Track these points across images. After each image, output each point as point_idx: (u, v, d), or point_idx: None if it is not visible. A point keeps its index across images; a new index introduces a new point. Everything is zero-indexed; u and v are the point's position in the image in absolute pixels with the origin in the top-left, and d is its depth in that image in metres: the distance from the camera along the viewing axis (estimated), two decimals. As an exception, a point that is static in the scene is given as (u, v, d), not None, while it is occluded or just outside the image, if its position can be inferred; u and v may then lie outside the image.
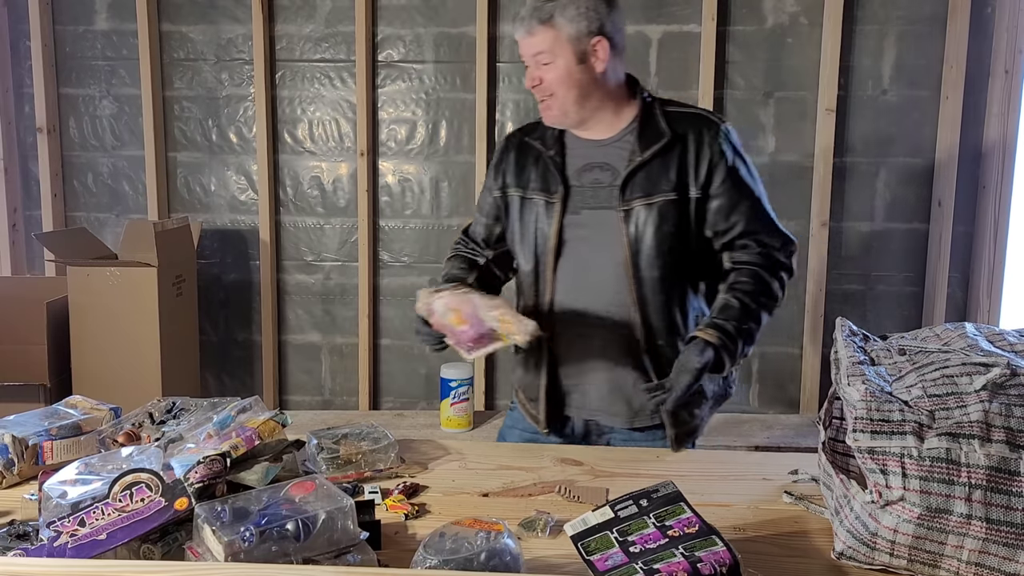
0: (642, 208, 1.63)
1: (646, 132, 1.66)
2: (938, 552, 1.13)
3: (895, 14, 3.04)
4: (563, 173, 1.70)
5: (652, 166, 1.64)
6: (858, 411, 1.18)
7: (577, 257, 1.69)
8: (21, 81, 3.28)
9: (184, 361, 3.09)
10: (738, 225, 1.66)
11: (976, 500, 1.10)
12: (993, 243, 3.02)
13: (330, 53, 3.20)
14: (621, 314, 1.67)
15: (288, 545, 1.05)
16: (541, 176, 1.72)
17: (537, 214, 1.71)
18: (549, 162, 1.71)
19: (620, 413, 1.72)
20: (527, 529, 1.28)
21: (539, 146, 1.74)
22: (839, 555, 1.20)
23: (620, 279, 1.65)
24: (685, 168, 1.64)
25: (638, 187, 1.64)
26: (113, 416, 1.60)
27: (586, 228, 1.68)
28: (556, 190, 1.69)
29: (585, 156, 1.70)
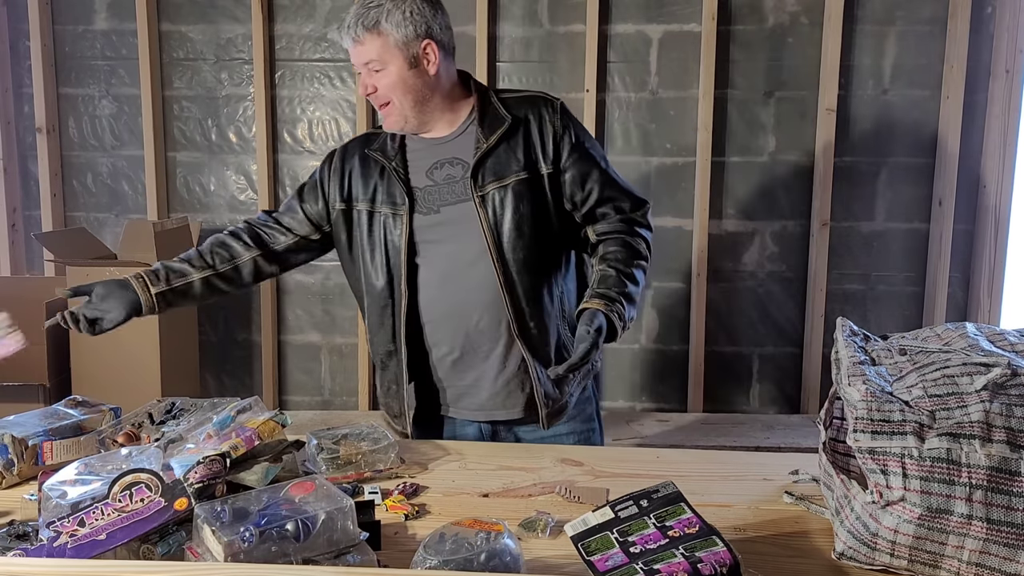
0: (496, 191, 1.66)
1: (487, 120, 1.68)
2: (939, 552, 1.13)
3: (895, 14, 3.04)
4: (407, 182, 1.70)
5: (499, 151, 1.67)
6: (859, 411, 1.18)
7: (439, 257, 1.70)
8: (21, 81, 3.28)
9: (184, 361, 3.09)
10: (593, 192, 1.71)
11: (977, 500, 1.10)
12: (994, 243, 3.02)
13: (330, 53, 3.20)
14: (492, 302, 1.68)
15: (288, 545, 1.05)
16: (386, 188, 1.71)
17: (386, 227, 1.70)
18: (392, 173, 1.70)
19: (518, 404, 1.74)
20: (527, 529, 1.28)
21: (380, 157, 1.72)
22: (839, 555, 1.20)
23: (487, 267, 1.66)
24: (531, 147, 1.68)
25: (489, 172, 1.66)
26: (113, 416, 1.60)
27: (447, 225, 1.68)
28: (402, 200, 1.69)
29: (432, 155, 1.71)
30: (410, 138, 1.74)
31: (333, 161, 1.80)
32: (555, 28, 3.13)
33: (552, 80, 3.15)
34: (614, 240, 1.70)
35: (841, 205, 3.13)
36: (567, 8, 3.11)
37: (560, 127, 1.69)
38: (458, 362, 1.73)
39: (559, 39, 3.14)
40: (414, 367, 1.74)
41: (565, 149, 1.69)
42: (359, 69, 1.67)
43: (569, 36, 3.13)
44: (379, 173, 1.73)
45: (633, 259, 1.69)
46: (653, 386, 3.29)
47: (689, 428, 3.03)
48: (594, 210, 1.72)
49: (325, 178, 1.79)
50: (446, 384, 1.76)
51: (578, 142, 1.70)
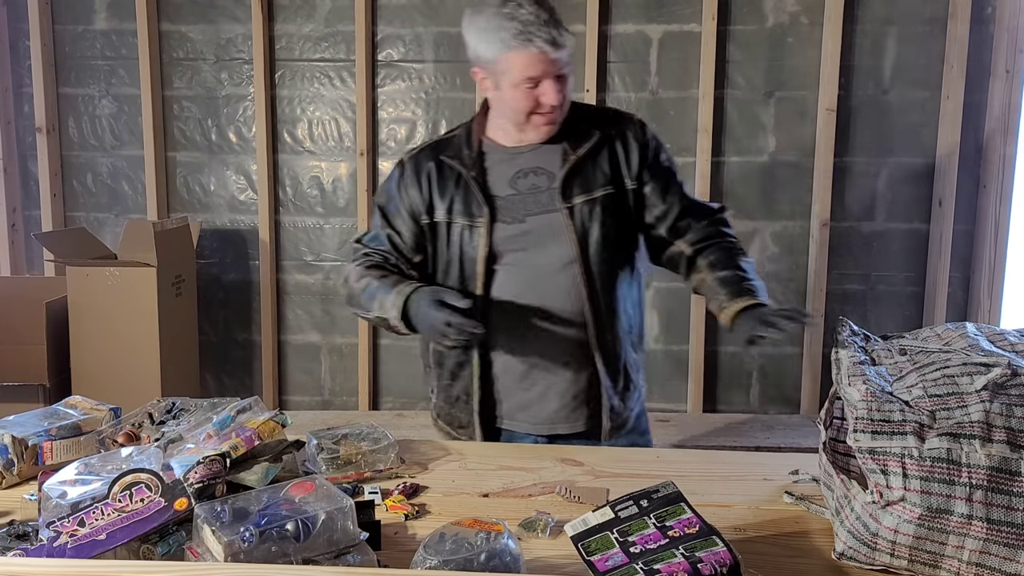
0: (584, 204, 1.65)
1: (572, 133, 1.67)
2: (939, 552, 1.13)
3: (895, 14, 3.04)
4: (487, 193, 1.66)
5: (586, 164, 1.66)
6: (859, 411, 1.18)
7: (520, 267, 1.67)
8: (20, 81, 3.28)
9: (184, 361, 3.09)
10: (675, 205, 1.71)
11: (977, 500, 1.10)
12: (994, 243, 3.02)
13: (330, 52, 3.20)
14: (574, 314, 1.67)
15: (288, 545, 1.04)
16: (463, 198, 1.67)
17: (462, 239, 1.67)
18: (471, 182, 1.66)
19: (581, 418, 1.73)
20: (527, 529, 1.28)
21: (458, 165, 1.68)
22: (840, 555, 1.20)
23: (571, 278, 1.66)
24: (617, 162, 1.68)
25: (577, 185, 1.65)
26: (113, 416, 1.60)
27: (532, 235, 1.66)
28: (479, 211, 1.66)
29: (515, 164, 1.68)
30: (488, 146, 1.70)
31: (405, 174, 1.73)
32: (555, 28, 3.13)
33: (552, 80, 3.14)
34: (713, 246, 1.69)
35: (841, 205, 3.13)
36: (567, 8, 3.11)
37: (644, 144, 1.69)
38: (528, 373, 1.70)
39: (559, 39, 3.13)
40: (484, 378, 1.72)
41: (648, 166, 1.69)
42: (547, 76, 1.57)
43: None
44: (455, 182, 1.68)
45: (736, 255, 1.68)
46: (653, 386, 3.29)
47: (689, 428, 3.03)
48: (677, 223, 1.71)
49: (403, 194, 1.72)
50: (509, 395, 1.73)
51: (662, 158, 1.71)
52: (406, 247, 1.73)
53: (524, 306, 1.66)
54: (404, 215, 1.73)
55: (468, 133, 1.74)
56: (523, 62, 1.56)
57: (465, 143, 1.72)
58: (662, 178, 1.71)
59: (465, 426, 1.76)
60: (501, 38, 1.56)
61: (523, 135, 1.67)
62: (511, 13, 1.55)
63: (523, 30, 1.54)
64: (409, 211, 1.72)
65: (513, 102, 1.61)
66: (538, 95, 1.59)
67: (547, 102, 1.59)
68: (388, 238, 1.74)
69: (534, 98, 1.59)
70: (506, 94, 1.62)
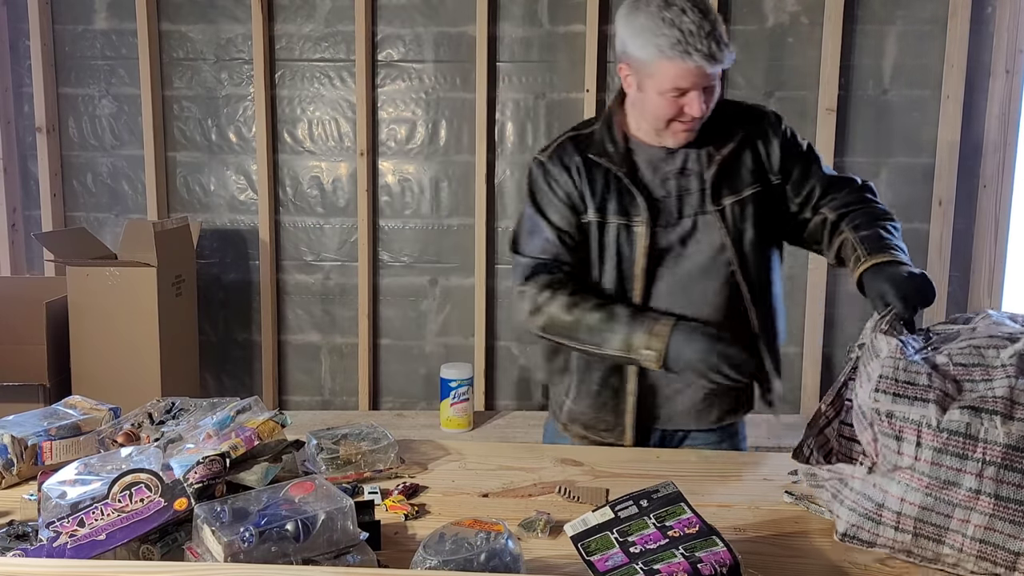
0: (735, 204, 1.63)
1: (713, 132, 1.63)
2: (943, 526, 1.12)
3: (895, 14, 3.04)
4: (644, 191, 1.61)
5: (731, 164, 1.63)
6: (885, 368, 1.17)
7: (673, 270, 1.63)
8: (20, 81, 3.28)
9: (183, 361, 3.09)
10: (816, 186, 1.69)
11: (987, 476, 1.09)
12: (993, 242, 3.02)
13: (330, 53, 3.20)
14: (733, 313, 1.65)
15: (288, 545, 1.05)
16: (617, 197, 1.61)
17: (618, 239, 1.62)
18: (626, 181, 1.61)
19: (711, 414, 1.72)
20: (527, 529, 1.28)
21: (607, 163, 1.62)
22: (843, 536, 1.20)
23: (728, 279, 1.64)
24: (760, 159, 1.66)
25: (725, 186, 1.63)
26: (112, 416, 1.60)
27: (684, 237, 1.63)
28: (638, 211, 1.60)
29: (662, 164, 1.64)
30: (634, 143, 1.65)
31: (551, 171, 1.66)
32: (555, 28, 3.13)
33: (552, 80, 3.15)
34: (857, 212, 1.65)
35: (841, 205, 3.12)
36: (567, 8, 3.11)
37: (782, 138, 1.69)
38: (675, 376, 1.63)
39: (559, 39, 3.14)
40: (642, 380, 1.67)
41: (789, 158, 1.68)
42: (695, 88, 1.52)
43: (569, 36, 3.13)
44: (604, 180, 1.62)
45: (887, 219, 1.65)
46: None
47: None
48: (819, 200, 1.69)
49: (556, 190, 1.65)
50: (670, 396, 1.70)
51: (800, 147, 1.70)
52: (573, 244, 1.65)
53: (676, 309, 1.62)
54: (564, 211, 1.65)
55: (608, 129, 1.66)
56: (675, 72, 1.50)
57: (608, 139, 1.65)
58: (802, 166, 1.69)
59: (611, 428, 1.71)
60: (657, 44, 1.49)
61: (662, 139, 1.62)
62: (673, 20, 1.48)
63: (682, 40, 1.47)
64: (568, 206, 1.64)
65: (655, 108, 1.56)
66: (683, 104, 1.53)
67: (691, 113, 1.54)
68: (559, 239, 1.64)
69: (678, 107, 1.54)
70: (649, 98, 1.56)
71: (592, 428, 1.73)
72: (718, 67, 1.50)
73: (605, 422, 1.71)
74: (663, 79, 1.52)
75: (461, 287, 3.27)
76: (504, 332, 3.27)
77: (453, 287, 3.29)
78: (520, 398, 3.32)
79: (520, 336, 3.28)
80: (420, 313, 3.31)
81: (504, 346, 3.29)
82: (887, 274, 1.48)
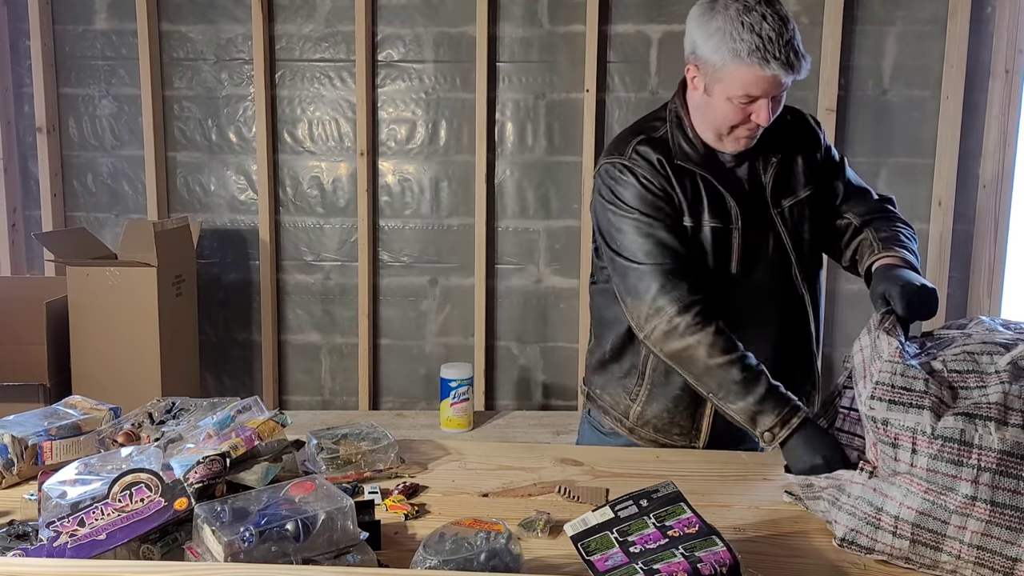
0: (793, 207, 1.63)
1: (764, 135, 1.60)
2: (941, 532, 1.13)
3: (895, 14, 3.04)
4: (735, 195, 1.58)
5: (786, 167, 1.63)
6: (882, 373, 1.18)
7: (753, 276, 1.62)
8: (21, 81, 3.28)
9: (184, 361, 3.09)
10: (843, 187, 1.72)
11: (983, 483, 1.10)
12: (993, 243, 3.02)
13: (330, 53, 3.20)
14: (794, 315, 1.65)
15: (288, 545, 1.05)
16: (707, 200, 1.57)
17: (713, 244, 1.58)
18: (716, 183, 1.58)
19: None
20: (527, 529, 1.28)
21: (691, 166, 1.58)
22: (841, 541, 1.20)
23: (790, 284, 1.63)
24: (809, 161, 1.66)
25: (782, 188, 1.63)
26: (113, 416, 1.60)
27: (759, 243, 1.61)
28: (731, 214, 1.57)
29: (728, 172, 1.62)
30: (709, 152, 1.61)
31: (639, 171, 1.58)
32: (555, 28, 3.13)
33: (552, 80, 3.15)
34: (880, 219, 1.65)
35: (841, 205, 3.12)
36: (567, 8, 3.11)
37: (824, 140, 1.71)
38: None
39: (559, 39, 3.14)
40: None
41: (828, 160, 1.70)
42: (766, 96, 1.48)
43: (569, 36, 3.13)
44: (692, 183, 1.58)
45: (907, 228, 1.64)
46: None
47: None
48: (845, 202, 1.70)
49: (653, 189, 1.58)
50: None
51: (835, 153, 1.73)
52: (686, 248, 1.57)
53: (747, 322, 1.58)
54: (671, 212, 1.58)
55: (681, 131, 1.61)
56: (748, 79, 1.46)
57: (685, 142, 1.60)
58: (836, 168, 1.72)
59: (686, 432, 1.68)
60: (734, 48, 1.45)
61: (723, 144, 1.59)
62: (753, 25, 1.44)
63: (761, 47, 1.43)
64: (671, 207, 1.58)
65: (722, 113, 1.53)
66: (751, 112, 1.50)
67: (758, 121, 1.51)
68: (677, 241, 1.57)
69: (746, 114, 1.51)
70: (716, 103, 1.52)
71: (665, 432, 1.70)
72: (793, 77, 1.46)
73: (680, 427, 1.68)
74: (735, 84, 1.48)
75: (461, 287, 3.27)
76: (504, 332, 3.27)
77: (453, 287, 3.29)
78: (520, 398, 3.32)
79: (520, 336, 3.28)
80: (420, 313, 3.31)
81: (504, 346, 3.29)
82: (897, 276, 1.46)
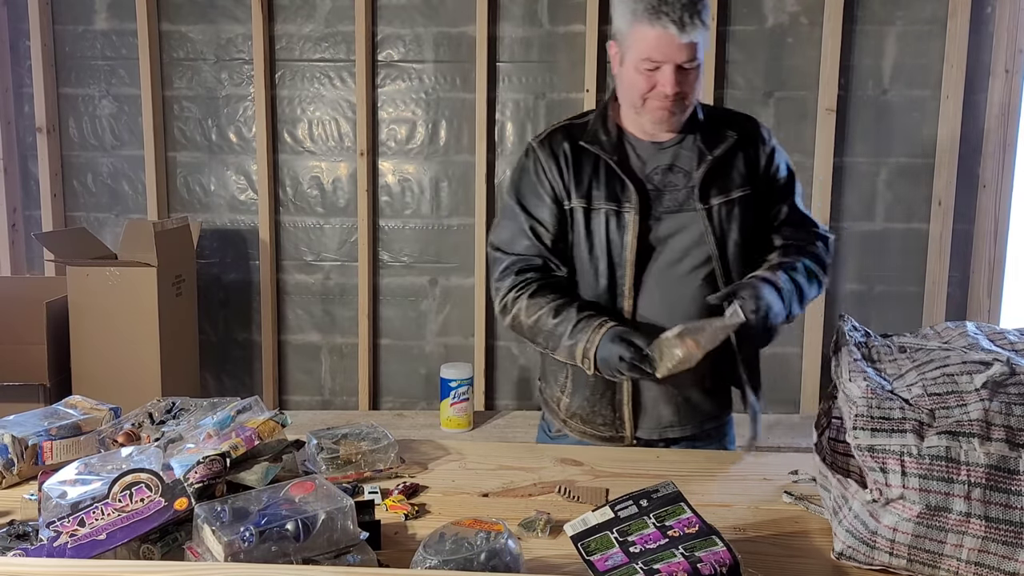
0: (722, 205, 1.63)
1: (707, 133, 1.65)
2: (937, 552, 1.13)
3: (895, 14, 3.04)
4: (634, 179, 1.61)
5: (722, 165, 1.64)
6: (859, 408, 1.18)
7: (660, 264, 1.64)
8: (21, 81, 3.28)
9: (184, 361, 3.09)
10: (783, 210, 1.72)
11: (975, 499, 1.10)
12: (993, 243, 3.02)
13: (330, 53, 3.20)
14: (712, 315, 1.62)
15: (288, 545, 1.05)
16: (606, 184, 1.62)
17: (608, 226, 1.62)
18: (616, 168, 1.61)
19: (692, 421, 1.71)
20: (527, 529, 1.28)
21: (598, 151, 1.63)
22: (839, 555, 1.20)
23: (710, 279, 1.63)
24: (750, 164, 1.67)
25: (714, 186, 1.63)
26: (113, 416, 1.60)
27: (668, 233, 1.63)
28: (629, 198, 1.61)
29: (652, 159, 1.65)
30: (628, 137, 1.66)
31: (540, 157, 1.67)
32: (555, 28, 3.13)
33: (552, 80, 3.15)
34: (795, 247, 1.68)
35: (840, 205, 3.13)
36: (567, 8, 3.11)
37: (771, 148, 1.70)
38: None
39: (559, 39, 3.14)
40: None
41: (775, 170, 1.70)
42: (668, 61, 1.51)
43: (569, 36, 3.13)
44: (593, 168, 1.63)
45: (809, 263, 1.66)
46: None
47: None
48: (784, 224, 1.71)
49: (542, 178, 1.66)
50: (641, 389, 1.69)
51: (783, 164, 1.72)
52: (551, 237, 1.66)
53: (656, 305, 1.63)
54: (547, 200, 1.66)
55: (603, 119, 1.68)
56: (648, 40, 1.51)
57: (602, 129, 1.66)
58: (782, 186, 1.71)
59: (609, 422, 1.70)
60: (633, 9, 1.52)
61: (641, 120, 1.62)
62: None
63: (655, 5, 1.49)
64: (551, 195, 1.66)
65: (631, 83, 1.57)
66: (656, 81, 1.54)
67: (664, 90, 1.53)
68: (532, 230, 1.66)
69: (652, 83, 1.54)
70: (627, 73, 1.58)
71: (591, 423, 1.72)
72: (687, 36, 1.49)
73: (603, 416, 1.70)
74: (637, 48, 1.53)
75: (461, 287, 3.28)
76: (504, 332, 3.27)
77: (453, 287, 3.29)
78: (520, 398, 3.32)
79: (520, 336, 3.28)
80: (420, 313, 3.31)
81: (504, 346, 3.29)
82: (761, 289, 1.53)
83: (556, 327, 1.60)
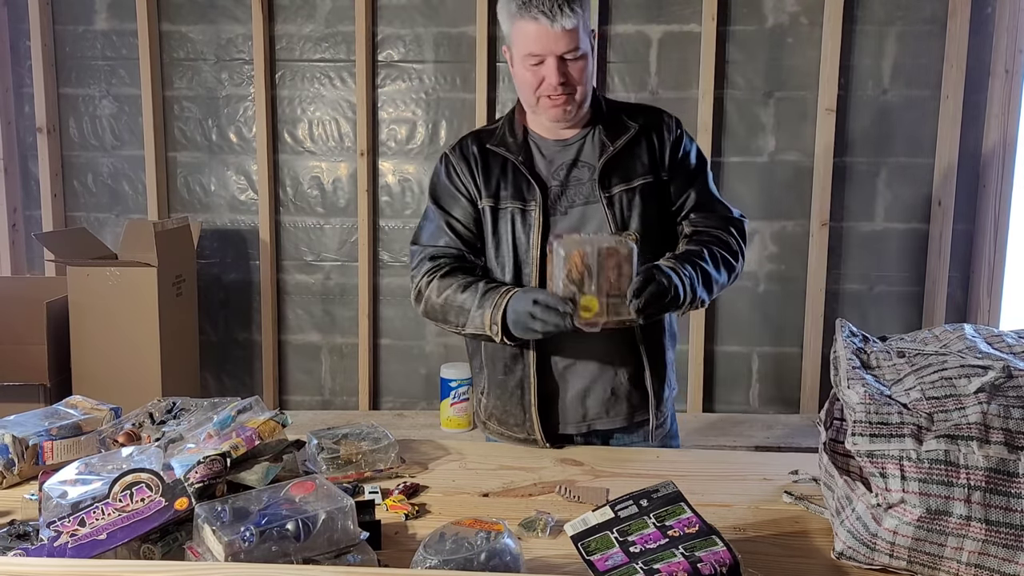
0: (623, 193, 1.65)
1: (610, 126, 1.68)
2: (938, 554, 1.13)
3: (895, 14, 3.04)
4: (538, 178, 1.67)
5: (624, 156, 1.67)
6: (857, 414, 1.18)
7: None
8: (21, 81, 3.28)
9: (184, 361, 3.09)
10: (692, 196, 1.72)
11: (975, 502, 1.10)
12: (993, 243, 3.02)
13: (330, 53, 3.20)
14: None
15: (288, 545, 1.05)
16: (512, 184, 1.67)
17: (513, 224, 1.67)
18: (521, 168, 1.66)
19: (621, 413, 1.71)
20: (527, 529, 1.28)
21: (504, 153, 1.69)
22: (839, 555, 1.20)
23: None
24: (654, 153, 1.69)
25: (616, 175, 1.66)
26: (113, 416, 1.60)
27: (572, 227, 1.66)
28: (534, 196, 1.65)
29: (558, 157, 1.69)
30: (533, 136, 1.71)
31: (452, 160, 1.73)
32: (555, 28, 3.13)
33: (552, 80, 3.14)
34: (706, 233, 1.69)
35: (840, 205, 3.13)
36: (567, 8, 3.11)
37: (678, 138, 1.72)
38: (571, 368, 1.69)
39: (559, 39, 3.13)
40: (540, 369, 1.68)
41: (681, 158, 1.71)
42: (549, 54, 1.56)
43: (569, 36, 3.12)
44: (501, 168, 1.69)
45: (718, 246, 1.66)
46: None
47: (689, 428, 3.03)
48: (691, 214, 1.72)
49: (455, 180, 1.72)
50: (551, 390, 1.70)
51: (692, 153, 1.73)
52: (468, 234, 1.72)
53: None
54: (461, 200, 1.72)
55: (511, 123, 1.73)
56: (527, 35, 1.56)
57: (508, 131, 1.71)
58: (688, 173, 1.72)
59: (521, 423, 1.71)
60: (510, 9, 1.58)
61: (538, 118, 1.67)
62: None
63: (527, 1, 1.54)
64: (466, 195, 1.71)
65: (522, 80, 1.62)
66: (543, 74, 1.58)
67: (550, 81, 1.57)
68: (448, 226, 1.71)
69: (540, 77, 1.59)
70: (518, 72, 1.63)
71: (505, 424, 1.74)
72: (559, 26, 1.53)
73: (514, 417, 1.72)
74: (519, 44, 1.59)
75: (461, 287, 3.27)
76: (504, 332, 3.27)
77: (453, 287, 3.28)
78: (520, 398, 3.32)
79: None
80: (420, 313, 3.31)
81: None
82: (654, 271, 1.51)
83: (465, 300, 1.63)
